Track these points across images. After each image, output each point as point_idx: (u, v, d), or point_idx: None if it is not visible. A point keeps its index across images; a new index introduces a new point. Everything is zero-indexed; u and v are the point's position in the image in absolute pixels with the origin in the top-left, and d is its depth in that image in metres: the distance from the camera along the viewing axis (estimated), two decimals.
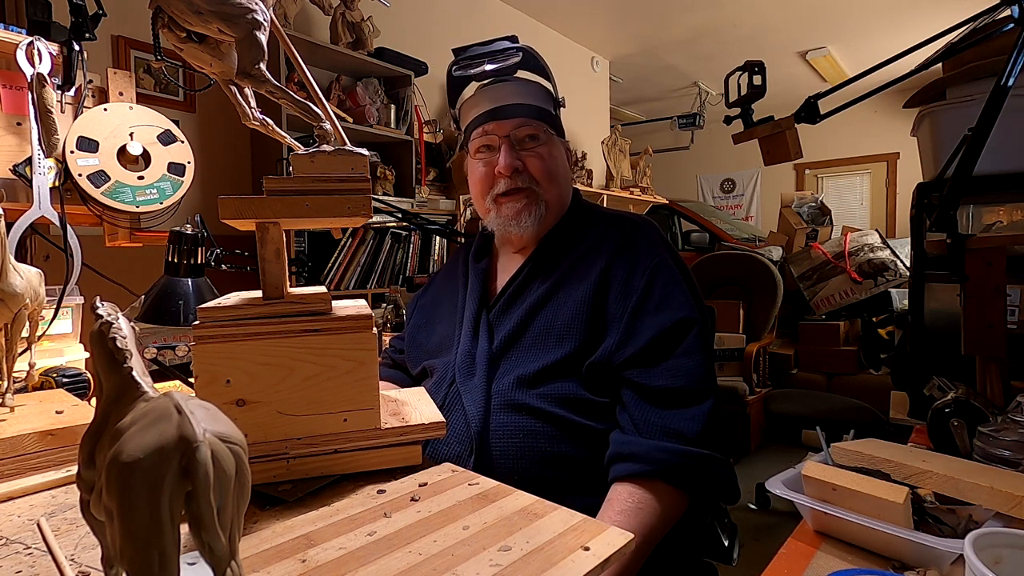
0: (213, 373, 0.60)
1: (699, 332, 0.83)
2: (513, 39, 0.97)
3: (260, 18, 0.60)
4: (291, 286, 0.70)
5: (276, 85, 0.63)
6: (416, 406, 0.73)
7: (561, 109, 1.01)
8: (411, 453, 0.67)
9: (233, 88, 0.69)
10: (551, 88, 0.99)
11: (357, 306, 0.70)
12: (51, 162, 1.15)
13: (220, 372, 0.60)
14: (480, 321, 0.92)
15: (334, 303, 0.68)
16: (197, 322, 0.60)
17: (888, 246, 3.63)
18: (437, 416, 0.69)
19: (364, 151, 0.66)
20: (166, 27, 0.59)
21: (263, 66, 0.61)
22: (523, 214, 0.93)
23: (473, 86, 1.02)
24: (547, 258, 0.94)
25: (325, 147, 0.64)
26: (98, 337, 0.36)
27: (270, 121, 0.74)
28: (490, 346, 0.89)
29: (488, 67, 0.97)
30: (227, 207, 0.60)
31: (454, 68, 1.00)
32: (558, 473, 0.80)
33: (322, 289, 0.69)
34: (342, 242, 2.45)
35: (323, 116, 0.67)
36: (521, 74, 0.99)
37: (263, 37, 0.60)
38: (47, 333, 1.14)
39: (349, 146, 0.65)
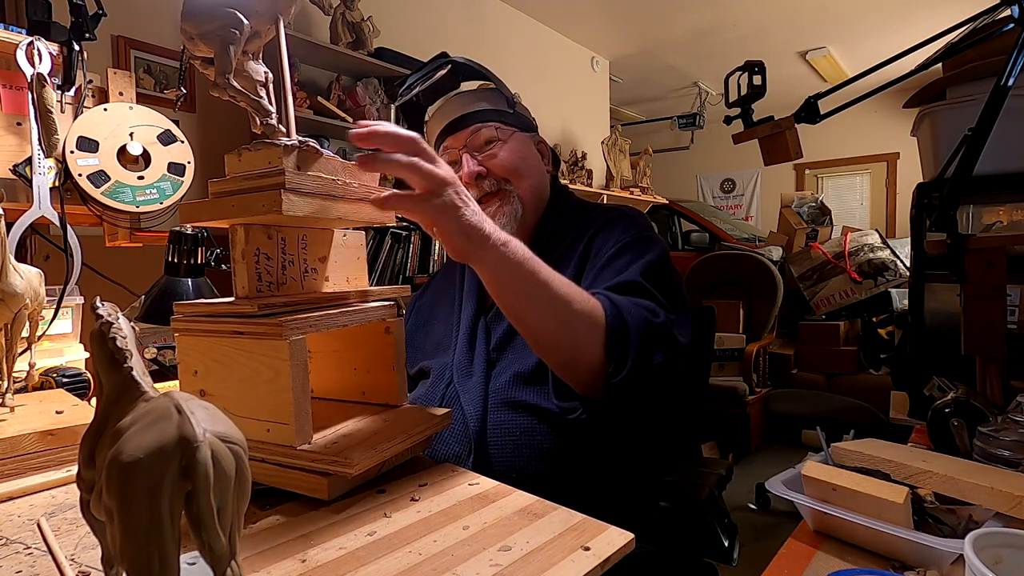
0: (186, 363, 0.63)
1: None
2: (443, 55, 0.98)
3: (233, 32, 0.59)
4: None
5: (236, 90, 0.61)
6: None
7: (518, 104, 1.00)
8: (317, 484, 0.58)
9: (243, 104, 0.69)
10: (499, 88, 0.99)
11: None
12: (51, 162, 1.15)
13: (188, 363, 0.63)
14: (478, 323, 0.93)
15: None
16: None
17: (888, 246, 3.63)
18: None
19: (290, 140, 0.61)
20: (192, 57, 0.61)
21: (229, 76, 0.60)
22: (499, 215, 0.93)
23: (430, 112, 1.03)
24: (539, 255, 0.94)
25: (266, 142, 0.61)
26: (98, 337, 0.36)
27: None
28: (488, 346, 0.89)
29: (418, 88, 0.98)
30: (184, 211, 0.62)
31: (396, 102, 1.01)
32: (556, 469, 0.80)
33: None
34: None
35: (271, 110, 0.63)
36: (466, 85, 0.99)
37: (235, 49, 0.60)
38: (47, 333, 1.14)
39: (288, 139, 0.61)
